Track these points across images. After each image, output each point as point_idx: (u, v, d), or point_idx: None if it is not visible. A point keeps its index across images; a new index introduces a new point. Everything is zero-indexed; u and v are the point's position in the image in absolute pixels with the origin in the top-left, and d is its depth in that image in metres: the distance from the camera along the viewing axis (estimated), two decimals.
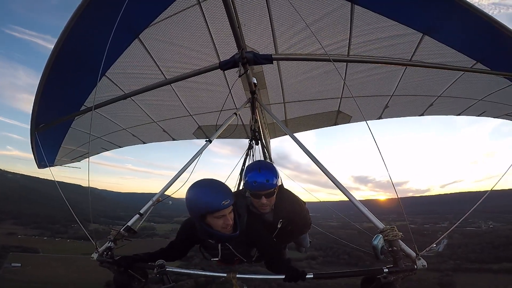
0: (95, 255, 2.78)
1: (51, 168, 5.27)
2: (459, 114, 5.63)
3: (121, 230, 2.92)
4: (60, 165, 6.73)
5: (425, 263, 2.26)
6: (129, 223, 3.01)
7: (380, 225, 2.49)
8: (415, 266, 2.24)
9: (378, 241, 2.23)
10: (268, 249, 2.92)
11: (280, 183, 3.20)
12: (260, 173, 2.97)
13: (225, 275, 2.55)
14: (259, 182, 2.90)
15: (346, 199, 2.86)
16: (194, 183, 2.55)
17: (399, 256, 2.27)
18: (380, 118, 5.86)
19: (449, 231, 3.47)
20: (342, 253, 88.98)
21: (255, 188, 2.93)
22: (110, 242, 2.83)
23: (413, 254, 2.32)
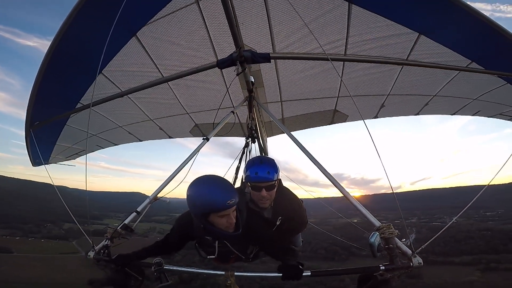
0: (91, 254, 2.76)
1: (46, 166, 5.25)
2: (454, 114, 5.68)
3: (118, 228, 2.90)
4: (55, 163, 6.70)
5: (421, 261, 2.27)
6: (126, 221, 3.00)
7: (377, 222, 2.50)
8: (411, 264, 2.26)
9: (375, 238, 2.22)
10: (269, 245, 2.87)
11: (280, 178, 3.22)
12: (262, 165, 3.01)
13: (223, 273, 2.56)
14: (260, 174, 2.93)
15: (325, 196, 2.89)
16: (196, 180, 2.40)
17: (395, 254, 2.28)
18: (376, 117, 5.90)
19: (450, 223, 3.48)
20: (320, 248, 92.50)
21: (256, 180, 2.94)
22: (107, 240, 2.82)
23: (409, 251, 2.33)
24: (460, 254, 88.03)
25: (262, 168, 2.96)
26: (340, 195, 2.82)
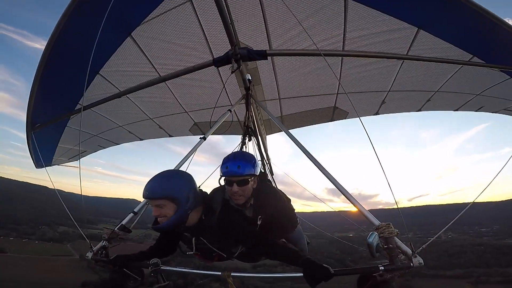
0: (89, 254, 2.76)
1: (47, 169, 5.24)
2: (456, 110, 5.59)
3: (116, 229, 2.89)
4: (58, 165, 6.72)
5: (421, 261, 2.20)
6: (123, 222, 2.99)
7: (376, 221, 2.44)
8: (411, 264, 2.20)
9: (373, 238, 2.14)
10: (252, 244, 2.65)
11: (257, 174, 3.04)
12: (234, 160, 2.90)
13: (219, 273, 2.53)
14: (230, 168, 2.83)
15: (320, 210, 2.79)
16: None
17: (395, 254, 2.22)
18: (377, 113, 5.83)
19: (442, 230, 3.41)
20: None
21: (226, 174, 2.85)
22: (104, 241, 2.81)
23: (409, 251, 2.26)
24: (452, 267, 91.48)
25: (234, 163, 2.85)
26: (337, 209, 2.75)
